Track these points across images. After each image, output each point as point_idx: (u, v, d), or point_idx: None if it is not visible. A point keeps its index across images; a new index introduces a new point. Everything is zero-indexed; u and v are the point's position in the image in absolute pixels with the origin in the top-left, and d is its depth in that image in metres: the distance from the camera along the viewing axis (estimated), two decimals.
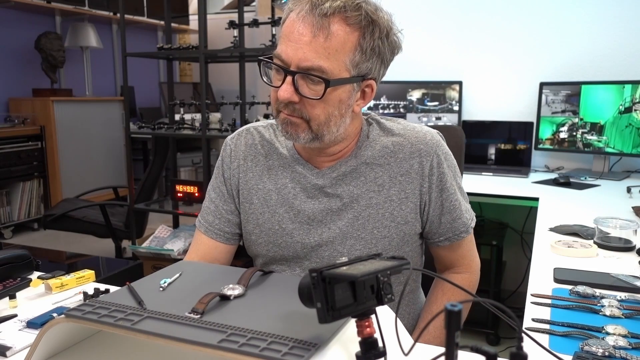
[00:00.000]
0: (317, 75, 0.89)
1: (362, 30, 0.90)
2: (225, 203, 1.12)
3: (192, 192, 2.93)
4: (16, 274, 1.10)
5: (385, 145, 1.04)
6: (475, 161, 2.76)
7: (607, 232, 1.33)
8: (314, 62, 0.89)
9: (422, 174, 1.03)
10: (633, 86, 2.38)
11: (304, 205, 1.05)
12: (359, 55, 0.92)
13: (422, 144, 1.04)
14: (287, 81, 0.91)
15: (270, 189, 1.08)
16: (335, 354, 0.60)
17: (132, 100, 5.14)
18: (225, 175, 1.13)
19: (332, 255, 1.04)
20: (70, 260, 2.46)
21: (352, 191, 1.03)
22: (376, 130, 1.07)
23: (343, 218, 1.04)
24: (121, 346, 0.78)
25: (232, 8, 5.21)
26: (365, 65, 0.93)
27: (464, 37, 2.85)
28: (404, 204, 1.04)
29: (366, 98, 0.99)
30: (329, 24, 0.88)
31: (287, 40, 0.91)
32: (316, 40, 0.88)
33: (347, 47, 0.90)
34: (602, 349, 0.77)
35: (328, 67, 0.89)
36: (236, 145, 1.13)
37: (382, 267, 0.61)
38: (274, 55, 0.94)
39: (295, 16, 0.91)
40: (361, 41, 0.91)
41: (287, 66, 0.91)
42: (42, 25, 4.62)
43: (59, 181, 4.37)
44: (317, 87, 0.91)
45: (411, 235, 1.07)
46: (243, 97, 3.09)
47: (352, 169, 1.04)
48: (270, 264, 1.11)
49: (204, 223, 1.13)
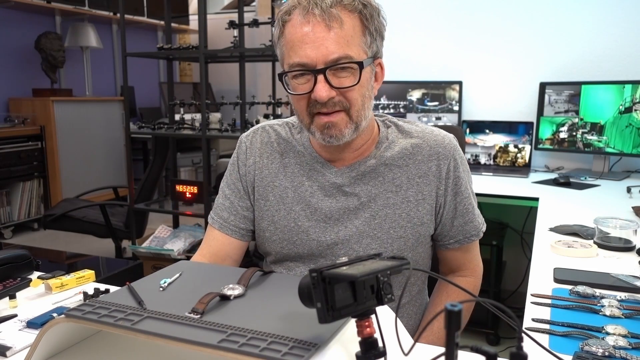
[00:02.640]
0: (347, 62, 0.92)
1: (361, 13, 0.94)
2: (241, 200, 1.13)
3: (192, 192, 2.93)
4: (16, 274, 1.10)
5: (404, 147, 1.06)
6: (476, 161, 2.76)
7: (607, 232, 1.33)
8: (340, 52, 0.91)
9: (439, 176, 1.05)
10: (633, 86, 2.38)
11: (321, 204, 1.06)
12: (369, 37, 0.96)
13: (440, 147, 1.05)
14: (319, 80, 0.92)
15: (286, 186, 1.09)
16: (335, 354, 0.60)
17: (132, 100, 5.14)
18: (241, 172, 1.13)
19: (348, 253, 1.05)
20: (70, 260, 2.46)
21: (370, 191, 1.05)
22: (394, 132, 1.09)
23: (360, 217, 1.05)
24: (121, 346, 0.78)
25: (232, 8, 5.21)
26: (374, 45, 0.97)
27: (464, 37, 2.85)
28: (421, 205, 1.05)
29: (378, 79, 1.02)
30: (338, 14, 0.91)
31: (302, 44, 0.92)
32: (333, 32, 0.91)
33: (357, 32, 0.93)
34: (602, 349, 0.77)
35: (352, 53, 0.92)
36: (252, 143, 1.14)
37: (382, 267, 0.60)
38: (290, 66, 0.95)
39: (299, 21, 0.92)
40: (365, 23, 0.95)
41: (313, 67, 0.92)
42: (42, 25, 4.62)
43: (59, 181, 4.37)
44: (347, 74, 0.93)
45: (425, 237, 1.08)
46: (243, 97, 3.09)
47: (372, 169, 1.05)
48: (283, 261, 1.12)
49: (218, 219, 1.14)
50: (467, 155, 2.73)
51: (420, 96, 2.87)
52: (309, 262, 1.09)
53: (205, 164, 2.92)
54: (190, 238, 2.97)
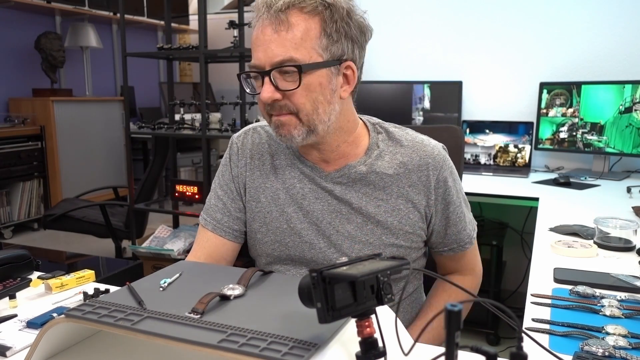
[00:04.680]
0: (289, 65, 0.92)
1: (321, 14, 0.92)
2: (234, 201, 1.13)
3: (192, 192, 2.93)
4: (16, 274, 1.10)
5: (395, 157, 1.06)
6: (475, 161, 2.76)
7: (607, 232, 1.33)
8: (284, 55, 0.91)
9: (428, 186, 1.05)
10: (633, 86, 2.38)
11: (313, 206, 1.06)
12: (325, 39, 0.93)
13: (430, 158, 1.06)
14: (265, 82, 0.94)
15: (278, 187, 1.09)
16: (335, 354, 0.60)
17: (132, 100, 5.13)
18: (233, 173, 1.13)
19: (340, 257, 1.04)
20: (70, 260, 2.46)
21: (362, 198, 1.05)
22: (385, 139, 1.08)
23: (352, 222, 1.05)
24: (121, 346, 0.78)
25: (232, 8, 5.20)
26: (335, 47, 0.94)
27: (464, 37, 2.85)
28: (412, 213, 1.05)
29: (350, 82, 1.00)
30: (287, 18, 0.91)
31: (255, 47, 0.95)
32: (280, 35, 0.91)
33: (311, 34, 0.92)
34: (602, 349, 0.77)
35: (298, 56, 0.92)
36: (243, 144, 1.14)
37: (382, 267, 0.61)
38: (250, 67, 0.98)
39: (255, 25, 0.95)
40: (324, 25, 0.93)
41: (262, 69, 0.94)
42: (42, 25, 4.62)
43: (59, 181, 4.37)
44: (293, 77, 0.93)
45: (417, 243, 1.09)
46: (243, 97, 3.09)
47: (362, 176, 1.05)
48: (274, 264, 1.11)
49: (211, 221, 1.13)
50: (467, 155, 2.73)
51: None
52: (300, 265, 1.09)
53: (205, 164, 2.92)
54: (190, 238, 2.97)
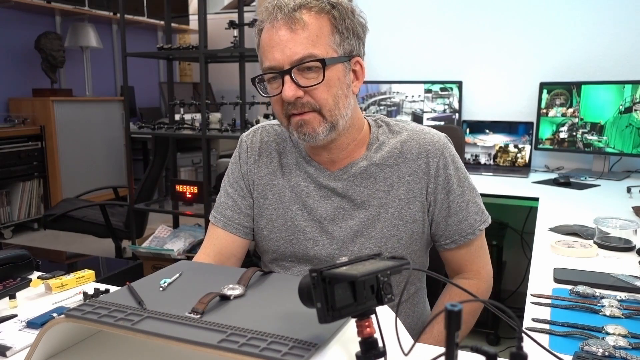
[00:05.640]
0: (311, 60, 0.94)
1: (329, 13, 0.96)
2: (244, 198, 1.14)
3: (192, 192, 2.93)
4: (16, 274, 1.10)
5: (394, 146, 1.07)
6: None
7: (607, 232, 1.33)
8: (304, 52, 0.94)
9: (428, 174, 1.06)
10: (633, 86, 2.38)
11: (317, 204, 1.08)
12: (338, 36, 0.97)
13: (429, 145, 1.06)
14: (286, 81, 0.95)
15: (284, 185, 1.11)
16: (335, 354, 0.60)
17: (132, 100, 5.14)
18: (243, 171, 1.15)
19: (343, 253, 1.07)
20: (70, 260, 2.46)
21: (363, 192, 1.06)
22: (385, 131, 1.10)
23: (354, 218, 1.06)
24: (121, 346, 0.78)
25: (232, 8, 5.21)
26: (347, 44, 0.98)
27: (464, 38, 2.85)
28: (412, 202, 1.06)
29: (359, 77, 1.04)
30: (301, 17, 0.94)
31: (270, 49, 0.96)
32: (297, 34, 0.94)
33: (325, 32, 0.95)
34: (602, 349, 0.77)
35: (318, 52, 0.94)
36: (252, 142, 1.16)
37: (382, 267, 0.60)
38: (263, 70, 0.99)
39: (267, 27, 0.97)
40: (334, 22, 0.96)
41: (281, 69, 0.95)
42: (42, 25, 4.62)
43: (59, 181, 4.36)
44: (314, 74, 0.95)
45: (419, 234, 1.08)
46: (243, 97, 3.09)
47: (363, 170, 1.06)
48: (280, 260, 1.13)
49: (222, 218, 1.15)
50: (467, 155, 2.73)
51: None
52: (305, 261, 1.10)
53: (205, 164, 2.92)
54: (190, 238, 2.97)
